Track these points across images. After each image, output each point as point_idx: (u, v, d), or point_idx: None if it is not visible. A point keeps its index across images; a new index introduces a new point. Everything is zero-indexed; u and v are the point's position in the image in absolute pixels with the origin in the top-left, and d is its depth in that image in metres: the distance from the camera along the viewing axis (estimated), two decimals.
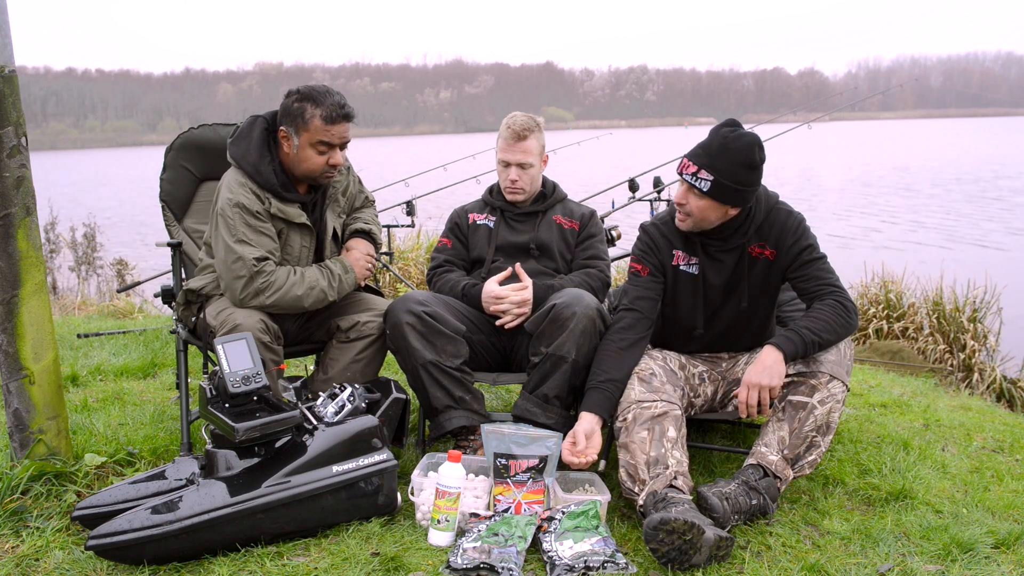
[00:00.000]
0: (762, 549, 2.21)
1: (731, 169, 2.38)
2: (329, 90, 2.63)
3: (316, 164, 2.64)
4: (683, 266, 2.61)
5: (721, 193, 2.41)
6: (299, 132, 2.61)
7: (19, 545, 2.11)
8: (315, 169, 2.65)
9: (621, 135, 15.03)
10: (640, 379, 2.46)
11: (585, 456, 2.35)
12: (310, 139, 2.61)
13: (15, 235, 2.28)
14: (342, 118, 2.61)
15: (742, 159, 2.39)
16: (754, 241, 2.55)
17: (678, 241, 2.62)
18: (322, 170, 2.66)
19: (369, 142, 78.12)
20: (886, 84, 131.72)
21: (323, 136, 2.60)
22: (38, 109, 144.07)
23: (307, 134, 2.60)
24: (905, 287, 6.73)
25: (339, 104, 2.60)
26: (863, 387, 4.13)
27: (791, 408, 2.38)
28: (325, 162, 2.65)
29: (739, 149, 2.39)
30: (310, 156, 2.63)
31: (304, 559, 2.09)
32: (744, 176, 2.40)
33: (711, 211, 2.46)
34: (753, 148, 2.40)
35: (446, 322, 2.70)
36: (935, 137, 54.67)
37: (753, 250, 2.55)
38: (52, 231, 9.89)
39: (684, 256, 2.61)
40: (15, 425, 2.36)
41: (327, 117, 2.58)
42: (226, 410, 2.21)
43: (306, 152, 2.63)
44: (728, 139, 2.41)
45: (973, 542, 2.22)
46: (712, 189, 2.40)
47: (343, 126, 2.63)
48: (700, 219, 2.49)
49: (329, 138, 2.61)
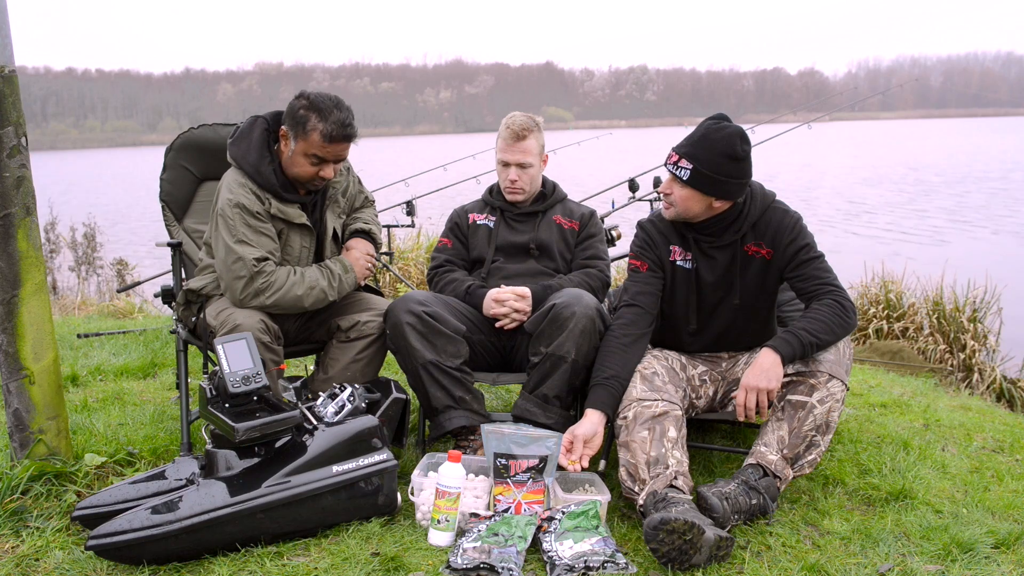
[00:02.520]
0: (762, 549, 2.21)
1: (711, 159, 2.42)
2: (339, 105, 2.60)
3: (306, 172, 2.64)
4: (679, 261, 2.63)
5: (701, 182, 2.44)
6: (297, 139, 2.61)
7: (19, 545, 2.11)
8: (303, 176, 2.66)
9: (621, 135, 15.02)
10: (642, 377, 2.46)
11: (578, 462, 2.35)
12: (305, 149, 2.60)
13: (15, 235, 2.28)
14: (343, 138, 2.60)
15: (722, 148, 2.42)
16: (750, 239, 2.56)
17: (674, 237, 2.63)
18: (310, 178, 2.66)
19: (369, 142, 78.14)
20: (886, 84, 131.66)
21: (318, 151, 2.60)
22: (38, 109, 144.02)
23: (304, 143, 2.60)
24: (905, 287, 6.73)
25: (343, 123, 2.58)
26: (863, 387, 4.13)
27: (790, 408, 2.38)
28: (315, 173, 2.65)
29: (719, 139, 2.43)
30: (301, 164, 2.63)
31: (304, 559, 2.09)
32: (724, 166, 2.42)
33: (693, 201, 2.49)
34: (734, 139, 2.43)
35: (446, 322, 2.70)
36: (935, 137, 54.64)
37: (749, 248, 2.56)
38: (52, 231, 9.90)
39: (680, 251, 2.62)
40: (15, 425, 2.36)
41: (327, 135, 2.57)
42: (226, 410, 2.21)
43: (298, 159, 2.63)
44: (710, 130, 2.46)
45: (973, 542, 2.22)
46: (692, 178, 2.44)
47: (341, 146, 2.62)
48: (683, 209, 2.52)
49: (324, 154, 2.60)
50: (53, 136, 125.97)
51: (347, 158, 2.90)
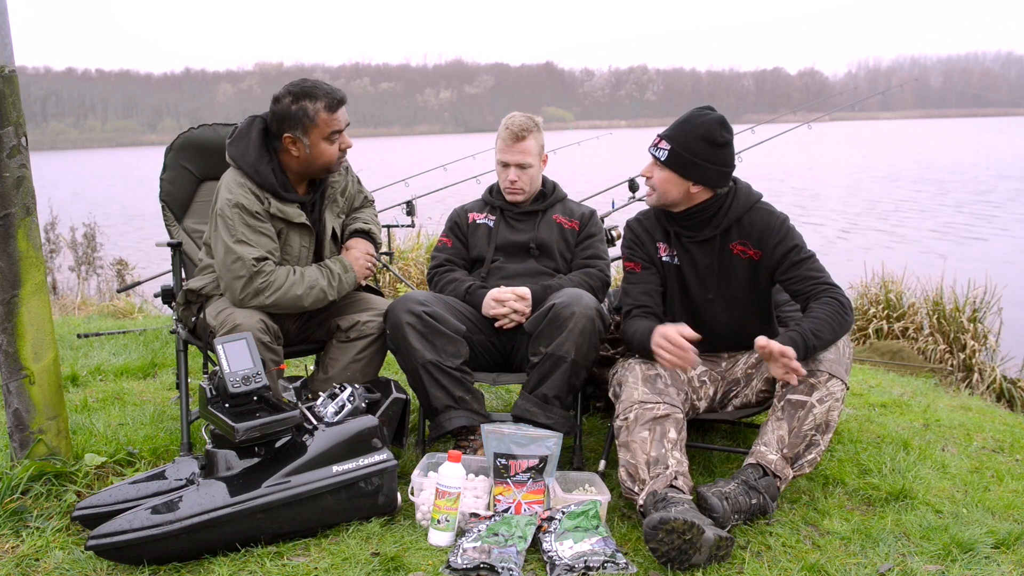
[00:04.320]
0: (762, 549, 2.20)
1: (688, 141, 2.47)
2: (316, 82, 2.66)
3: (333, 154, 2.68)
4: (665, 257, 2.66)
5: (677, 163, 2.48)
6: (308, 131, 2.62)
7: (19, 545, 2.11)
8: (333, 159, 2.70)
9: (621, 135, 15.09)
10: (644, 379, 2.45)
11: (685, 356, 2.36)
12: (322, 133, 2.63)
13: (15, 235, 2.28)
14: (340, 102, 2.66)
15: (700, 132, 2.47)
16: (735, 238, 2.56)
17: (659, 233, 2.66)
18: (339, 157, 2.71)
19: (369, 142, 78.04)
20: (886, 84, 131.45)
21: (332, 125, 2.63)
22: (38, 109, 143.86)
23: (317, 130, 2.62)
24: (905, 287, 6.72)
25: (331, 91, 2.64)
26: (863, 387, 4.13)
27: (790, 407, 2.37)
28: (338, 148, 2.69)
29: (699, 124, 2.49)
30: (326, 149, 2.66)
31: (304, 559, 2.09)
32: (700, 149, 2.46)
33: (671, 184, 2.52)
34: (713, 124, 2.48)
35: (446, 322, 2.70)
36: (935, 137, 54.62)
37: (735, 248, 2.56)
38: (52, 231, 9.88)
39: (665, 248, 2.66)
40: (15, 425, 2.36)
41: (329, 106, 2.62)
42: (226, 410, 2.21)
43: (321, 147, 2.65)
44: (692, 115, 2.53)
45: (973, 542, 2.22)
46: (669, 158, 2.49)
47: (343, 109, 2.68)
48: (662, 192, 2.55)
49: (337, 125, 2.65)
50: (53, 136, 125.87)
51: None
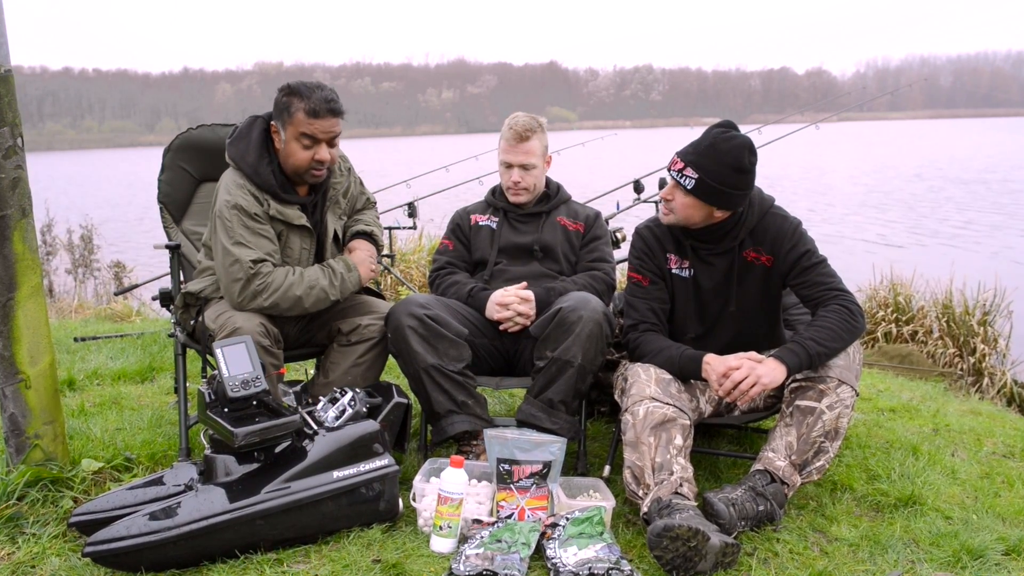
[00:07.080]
0: (769, 556, 2.18)
1: (717, 169, 2.38)
2: (321, 85, 2.61)
3: (301, 159, 2.60)
4: (675, 270, 2.60)
5: (705, 192, 2.40)
6: (285, 126, 2.59)
7: (15, 552, 2.09)
8: (300, 164, 2.61)
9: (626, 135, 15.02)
10: (657, 380, 2.41)
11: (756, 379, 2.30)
12: (294, 132, 2.58)
13: (11, 237, 2.26)
14: (328, 112, 2.57)
15: (730, 160, 2.38)
16: (748, 246, 2.53)
17: (670, 244, 2.61)
18: (308, 165, 2.62)
19: (370, 143, 78.21)
20: (895, 84, 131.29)
21: (305, 129, 2.56)
22: (34, 109, 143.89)
23: (292, 127, 2.58)
24: (914, 290, 6.68)
25: (326, 99, 2.57)
26: (872, 391, 4.09)
27: (799, 413, 2.34)
28: (311, 157, 2.60)
29: (727, 150, 2.38)
30: (295, 150, 2.60)
31: (304, 566, 2.07)
32: (730, 178, 2.38)
33: (695, 209, 2.46)
34: (743, 151, 2.38)
35: (448, 325, 2.67)
36: (945, 137, 54.48)
37: (748, 255, 2.53)
38: (49, 233, 9.84)
39: (676, 260, 2.60)
40: (11, 430, 2.35)
41: (310, 111, 2.55)
42: (225, 415, 2.18)
43: (291, 146, 2.60)
44: (718, 139, 2.40)
45: (983, 549, 2.20)
46: (696, 187, 2.40)
47: (329, 121, 2.58)
48: (683, 216, 2.49)
49: (312, 131, 2.57)
50: (50, 137, 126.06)
51: (347, 159, 2.88)
